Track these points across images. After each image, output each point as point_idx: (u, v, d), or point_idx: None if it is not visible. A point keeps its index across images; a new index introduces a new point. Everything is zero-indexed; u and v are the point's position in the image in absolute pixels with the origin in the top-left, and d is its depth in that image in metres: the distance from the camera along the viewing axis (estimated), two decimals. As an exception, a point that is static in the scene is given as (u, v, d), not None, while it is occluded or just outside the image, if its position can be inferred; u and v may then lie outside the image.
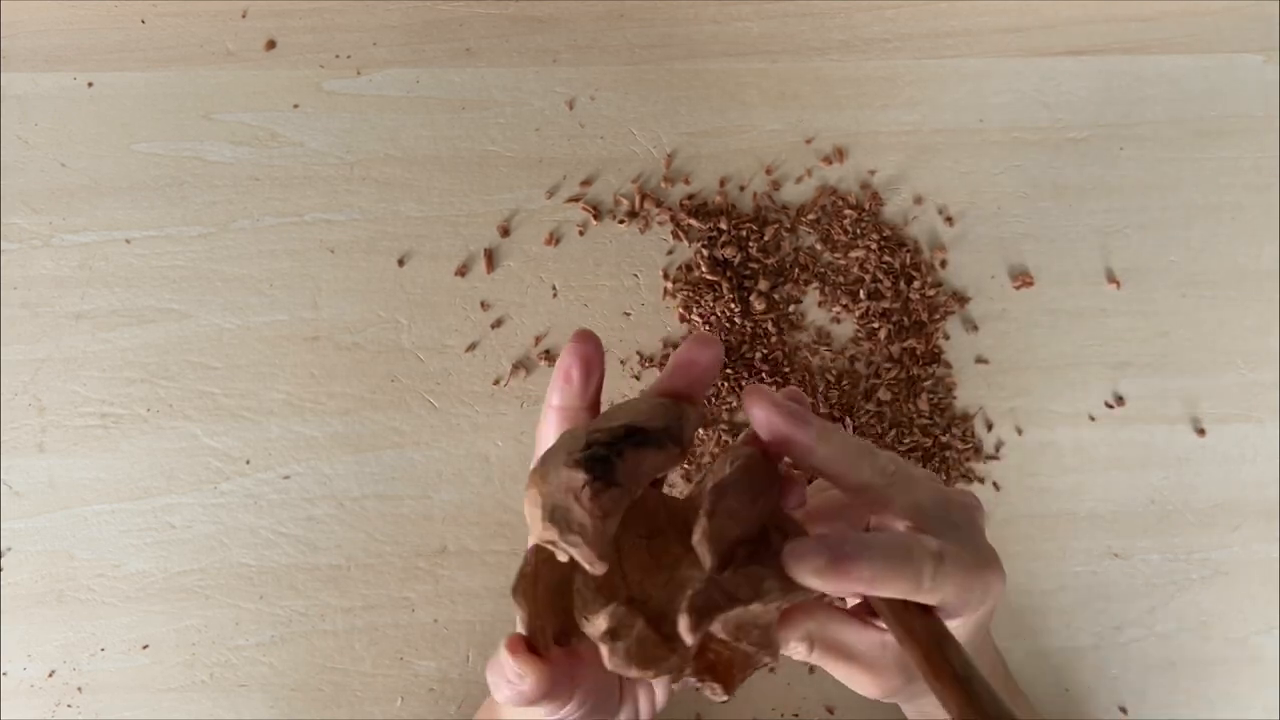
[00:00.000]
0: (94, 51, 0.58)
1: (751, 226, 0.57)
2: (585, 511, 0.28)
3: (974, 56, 0.60)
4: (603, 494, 0.28)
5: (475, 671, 0.52)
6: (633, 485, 0.29)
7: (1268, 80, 0.61)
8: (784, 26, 0.60)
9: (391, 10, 0.59)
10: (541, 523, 0.29)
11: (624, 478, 0.28)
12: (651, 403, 0.31)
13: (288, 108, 0.58)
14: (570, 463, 0.28)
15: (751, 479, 0.31)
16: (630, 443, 0.29)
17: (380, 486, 0.54)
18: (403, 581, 0.53)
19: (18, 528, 0.53)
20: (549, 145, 0.58)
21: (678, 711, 0.52)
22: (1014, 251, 0.58)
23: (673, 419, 0.31)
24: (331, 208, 0.57)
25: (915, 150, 0.59)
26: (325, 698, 0.52)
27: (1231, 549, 0.55)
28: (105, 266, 0.55)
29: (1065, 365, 0.57)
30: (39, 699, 0.51)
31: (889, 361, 0.56)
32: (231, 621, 0.52)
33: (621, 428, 0.29)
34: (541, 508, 0.29)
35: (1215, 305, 0.58)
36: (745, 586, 0.29)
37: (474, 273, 0.56)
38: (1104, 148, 0.60)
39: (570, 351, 0.33)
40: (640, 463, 0.29)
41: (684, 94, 0.59)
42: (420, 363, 0.55)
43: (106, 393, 0.54)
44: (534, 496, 0.29)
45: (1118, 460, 0.56)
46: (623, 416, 0.30)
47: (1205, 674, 0.54)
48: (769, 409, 0.31)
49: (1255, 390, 0.57)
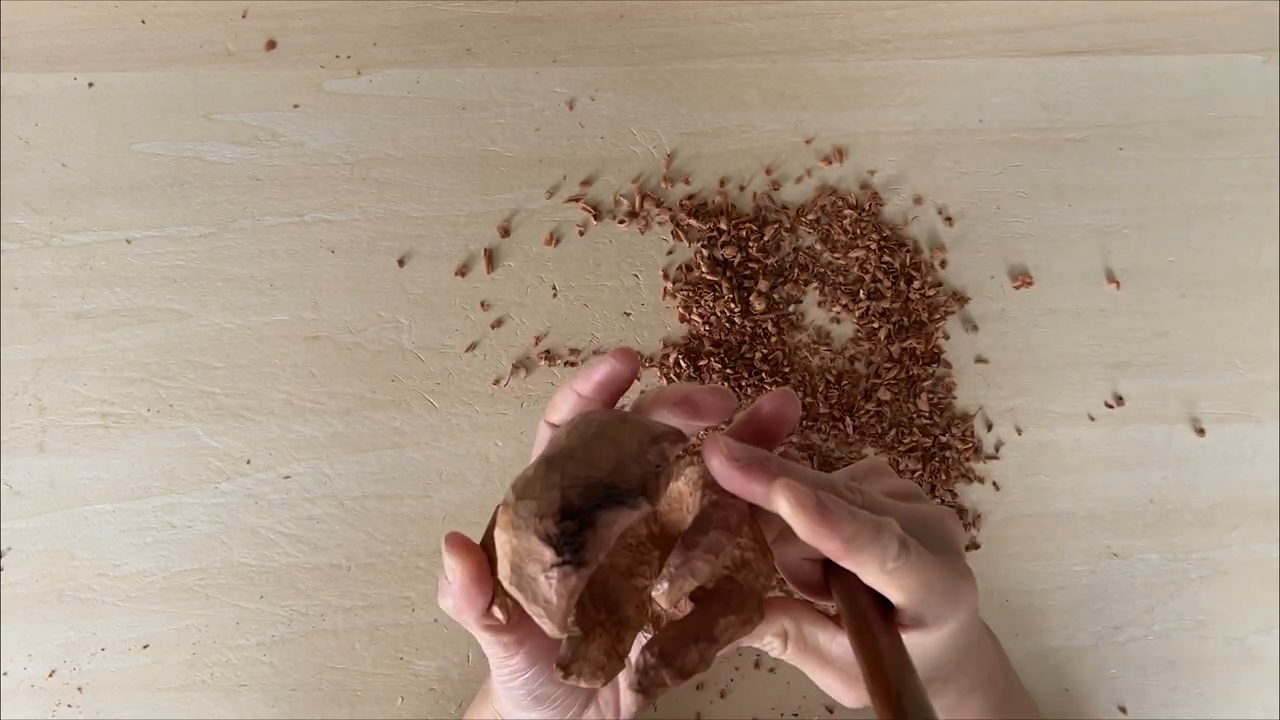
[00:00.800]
0: (94, 52, 0.58)
1: (751, 226, 0.57)
2: (551, 590, 0.28)
3: (974, 57, 0.61)
4: (570, 576, 0.28)
5: (475, 671, 0.52)
6: (599, 555, 0.28)
7: (1267, 80, 0.61)
8: (784, 26, 0.60)
9: (391, 10, 0.59)
10: (508, 575, 0.29)
11: (591, 554, 0.28)
12: (649, 429, 0.31)
13: (288, 108, 0.58)
14: (542, 535, 0.28)
15: (722, 521, 0.31)
16: (605, 503, 0.28)
17: (380, 486, 0.54)
18: (403, 581, 0.53)
19: (18, 528, 0.53)
20: (549, 145, 0.58)
21: (677, 711, 0.52)
22: (1014, 251, 0.58)
23: (654, 463, 0.30)
24: (332, 208, 0.57)
25: (915, 150, 0.59)
26: (325, 697, 0.52)
27: (1230, 549, 0.55)
28: (106, 266, 0.56)
29: (1065, 365, 0.57)
30: (39, 699, 0.51)
31: (889, 361, 0.56)
32: (232, 621, 0.52)
33: (600, 487, 0.28)
34: (510, 563, 0.29)
35: (1215, 305, 0.58)
36: (703, 629, 0.30)
37: (474, 273, 0.57)
38: (1103, 148, 0.60)
39: (608, 360, 0.33)
40: (611, 525, 0.28)
41: (684, 94, 0.59)
42: (420, 363, 0.55)
43: (107, 392, 0.54)
44: (503, 540, 0.29)
45: (1117, 460, 0.56)
46: (607, 461, 0.29)
47: (1204, 673, 0.54)
48: (725, 463, 0.31)
49: (1255, 390, 0.57)
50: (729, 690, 0.53)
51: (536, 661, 0.35)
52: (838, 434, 0.55)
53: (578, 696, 0.38)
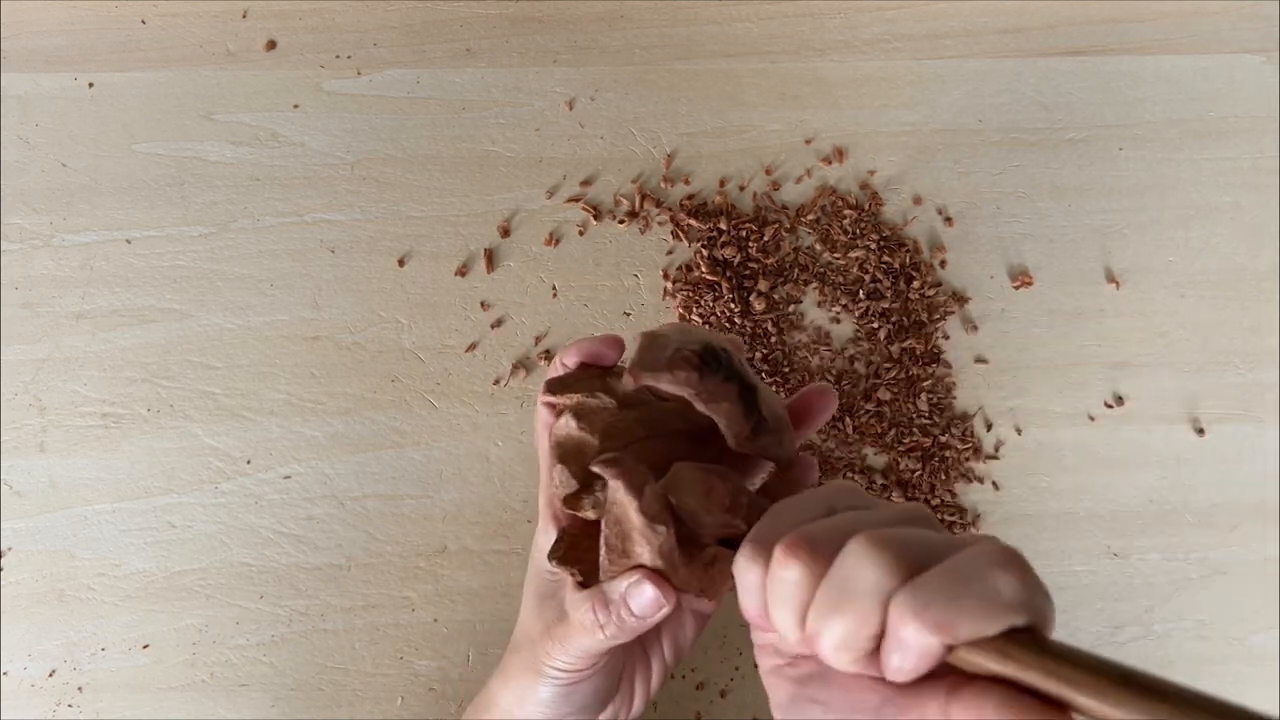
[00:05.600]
0: (94, 52, 0.58)
1: (751, 226, 0.57)
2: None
3: (973, 57, 0.61)
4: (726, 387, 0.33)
5: (475, 671, 0.52)
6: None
7: (1267, 80, 0.61)
8: (784, 26, 0.60)
9: (391, 10, 0.59)
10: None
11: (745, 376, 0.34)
12: (709, 333, 0.35)
13: (288, 108, 0.58)
14: (684, 361, 0.32)
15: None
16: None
17: (380, 486, 0.54)
18: (403, 581, 0.53)
19: (18, 527, 0.53)
20: (549, 145, 0.58)
21: (677, 711, 0.52)
22: (1013, 251, 0.58)
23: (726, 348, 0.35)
24: (332, 208, 0.57)
25: (915, 150, 0.59)
26: (325, 697, 0.52)
27: (1230, 549, 0.55)
28: (106, 266, 0.56)
29: (1065, 365, 0.57)
30: (39, 699, 0.51)
31: (889, 361, 0.56)
32: (232, 621, 0.52)
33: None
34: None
35: (1214, 305, 0.58)
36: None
37: (474, 273, 0.57)
38: (1103, 148, 0.60)
39: (597, 342, 0.37)
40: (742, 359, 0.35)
41: (684, 94, 0.59)
42: (420, 363, 0.55)
43: (107, 392, 0.54)
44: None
45: (1117, 460, 0.56)
46: (700, 336, 0.34)
47: (1204, 673, 0.54)
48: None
49: (1255, 390, 0.57)
50: (729, 690, 0.53)
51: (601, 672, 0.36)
52: (838, 434, 0.55)
53: (602, 699, 0.38)
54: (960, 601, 0.24)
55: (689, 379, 0.32)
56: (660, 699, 0.52)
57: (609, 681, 0.37)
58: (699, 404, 0.32)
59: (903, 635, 0.25)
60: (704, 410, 0.33)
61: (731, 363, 0.33)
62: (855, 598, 0.25)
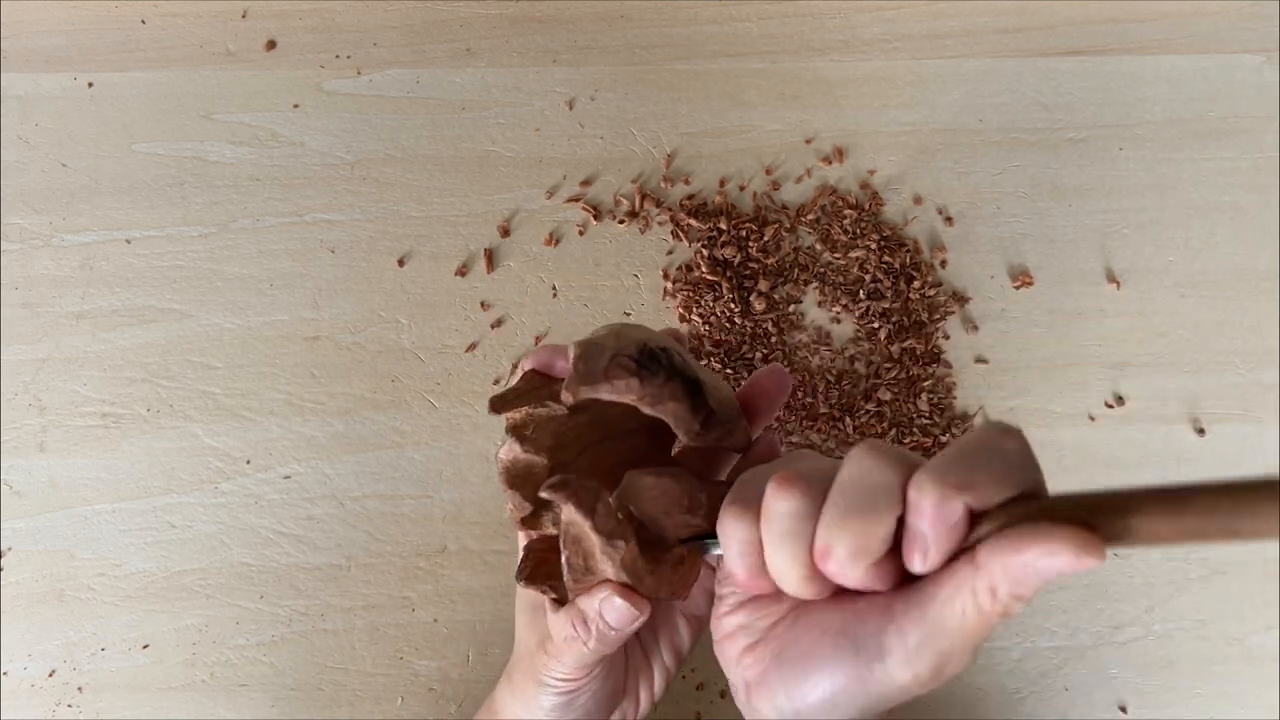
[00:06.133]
0: (94, 52, 0.58)
1: (751, 226, 0.57)
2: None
3: (973, 57, 0.61)
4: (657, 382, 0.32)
5: (475, 671, 0.52)
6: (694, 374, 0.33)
7: (1267, 80, 0.61)
8: (784, 26, 0.60)
9: (391, 10, 0.59)
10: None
11: (688, 368, 0.33)
12: (649, 332, 0.34)
13: (288, 108, 0.58)
14: (624, 362, 0.31)
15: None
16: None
17: (380, 486, 0.54)
18: (403, 581, 0.53)
19: (18, 528, 0.53)
20: (549, 145, 0.58)
21: (677, 711, 0.52)
22: (1014, 251, 0.58)
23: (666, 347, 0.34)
24: (331, 208, 0.57)
25: (915, 150, 0.59)
26: (325, 697, 0.52)
27: (1230, 549, 0.55)
28: (106, 266, 0.56)
29: (1065, 365, 0.57)
30: (39, 699, 0.51)
31: (889, 361, 0.56)
32: (232, 621, 0.52)
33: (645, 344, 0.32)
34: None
35: (1214, 305, 0.58)
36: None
37: (474, 273, 0.57)
38: (1103, 148, 0.60)
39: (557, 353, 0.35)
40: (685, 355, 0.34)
41: (684, 94, 0.59)
42: (420, 363, 0.55)
43: (107, 393, 0.54)
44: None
45: (1117, 460, 0.56)
46: (637, 337, 0.32)
47: (1204, 673, 0.54)
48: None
49: (1255, 390, 0.57)
50: (729, 690, 0.53)
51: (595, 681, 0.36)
52: (838, 434, 0.55)
53: (607, 704, 0.38)
54: (977, 468, 0.25)
55: (629, 385, 0.31)
56: (660, 699, 0.52)
57: (612, 686, 0.37)
58: (643, 407, 0.32)
59: (925, 507, 0.25)
60: (650, 413, 0.32)
61: (672, 361, 0.32)
62: (868, 494, 0.26)
